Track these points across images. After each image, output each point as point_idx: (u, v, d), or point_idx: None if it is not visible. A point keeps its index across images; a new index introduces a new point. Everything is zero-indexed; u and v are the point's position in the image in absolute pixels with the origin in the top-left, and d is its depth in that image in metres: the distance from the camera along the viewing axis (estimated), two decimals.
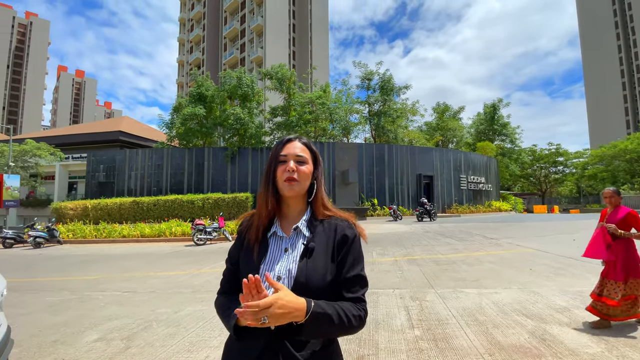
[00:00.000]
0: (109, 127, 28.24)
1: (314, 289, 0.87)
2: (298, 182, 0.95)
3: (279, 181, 0.96)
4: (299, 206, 1.01)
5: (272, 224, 0.99)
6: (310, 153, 1.01)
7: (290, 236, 0.96)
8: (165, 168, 21.10)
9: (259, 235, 0.97)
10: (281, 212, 1.01)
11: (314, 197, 1.00)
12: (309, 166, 0.99)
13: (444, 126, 31.26)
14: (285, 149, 0.98)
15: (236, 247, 1.03)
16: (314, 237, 0.94)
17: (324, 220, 0.98)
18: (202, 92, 21.77)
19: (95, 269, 7.81)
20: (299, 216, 1.00)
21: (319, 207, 0.99)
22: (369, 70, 21.63)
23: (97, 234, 14.76)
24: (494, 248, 8.44)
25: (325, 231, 0.96)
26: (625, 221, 3.27)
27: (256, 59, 48.14)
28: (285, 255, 0.93)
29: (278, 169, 0.97)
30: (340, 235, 0.95)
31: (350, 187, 19.14)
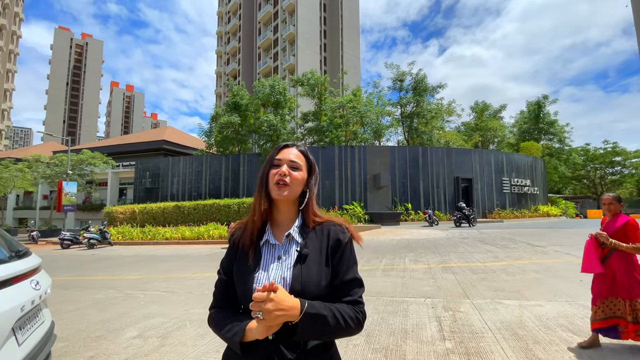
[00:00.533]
0: (154, 136, 30.32)
1: (309, 295, 0.86)
2: (288, 187, 0.94)
3: (270, 184, 0.96)
4: (290, 213, 1.00)
5: (264, 233, 0.98)
6: (305, 161, 1.01)
7: (282, 243, 0.96)
8: (204, 174, 22.16)
9: (254, 239, 0.97)
10: (273, 218, 1.01)
11: (305, 205, 0.99)
12: (301, 173, 0.98)
13: (484, 126, 29.64)
14: (281, 153, 0.99)
15: (228, 258, 1.02)
16: (306, 243, 0.94)
17: (316, 226, 0.98)
18: (237, 101, 22.65)
19: (139, 269, 8.36)
20: (291, 223, 0.99)
21: (309, 214, 0.99)
22: (400, 71, 21.16)
23: (143, 236, 15.84)
24: (540, 256, 7.80)
25: (317, 236, 0.96)
26: (623, 231, 2.84)
27: (289, 67, 49.24)
28: (279, 263, 0.93)
29: (270, 172, 0.97)
30: (333, 239, 0.95)
31: (383, 191, 18.77)
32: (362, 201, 18.34)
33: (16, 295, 1.62)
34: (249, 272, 0.92)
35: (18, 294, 1.64)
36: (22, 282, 1.73)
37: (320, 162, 19.00)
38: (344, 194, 18.76)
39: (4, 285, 1.56)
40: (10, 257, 1.82)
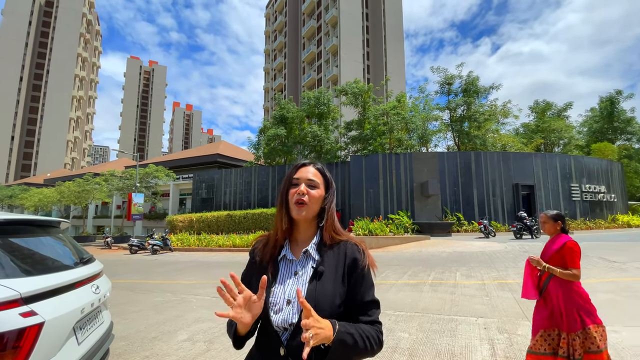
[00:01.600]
0: (209, 150, 32.68)
1: (322, 313, 0.86)
2: (307, 206, 0.97)
3: (290, 203, 0.99)
4: (309, 230, 1.03)
5: (282, 248, 1.02)
6: (322, 178, 1.04)
7: (300, 259, 0.99)
8: (253, 184, 23.21)
9: (275, 253, 1.01)
10: (292, 235, 1.04)
11: (324, 222, 1.01)
12: (319, 191, 1.01)
13: (546, 127, 26.91)
14: (299, 172, 1.02)
15: (249, 270, 1.07)
16: (323, 260, 0.96)
17: (334, 244, 0.99)
18: (284, 114, 23.51)
19: (193, 274, 8.96)
20: (309, 240, 1.01)
21: (329, 231, 1.01)
22: (448, 74, 20.18)
23: (199, 243, 16.98)
24: (617, 274, 6.76)
25: (335, 255, 0.97)
26: (560, 254, 2.48)
27: (332, 78, 50.01)
28: (295, 279, 0.95)
29: (290, 191, 1.00)
30: (350, 259, 0.96)
31: (431, 200, 17.88)
32: (408, 210, 17.66)
33: (77, 299, 1.82)
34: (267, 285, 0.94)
35: (79, 298, 1.85)
36: (83, 287, 1.95)
37: (364, 171, 18.78)
38: (389, 203, 18.25)
39: (66, 290, 1.77)
40: (76, 263, 2.07)
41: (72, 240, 2.35)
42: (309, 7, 57.55)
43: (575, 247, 2.49)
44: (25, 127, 67.43)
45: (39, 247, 2.01)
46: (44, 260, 1.94)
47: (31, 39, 67.58)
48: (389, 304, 5.18)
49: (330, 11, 50.95)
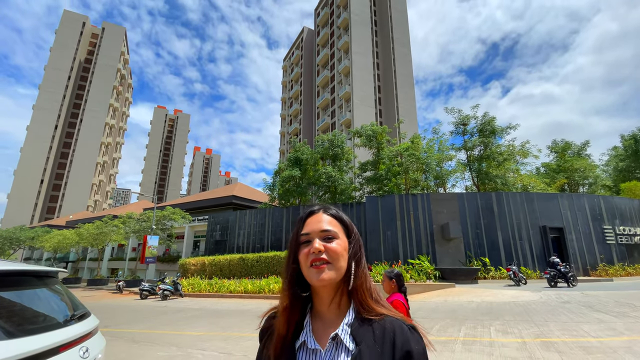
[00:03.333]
0: (225, 192, 33.13)
1: None
2: (330, 264, 0.70)
3: (304, 268, 0.73)
4: (336, 300, 0.74)
5: (299, 330, 0.73)
6: (340, 224, 0.78)
7: (327, 349, 0.69)
8: (267, 226, 22.92)
9: (278, 345, 0.71)
10: (314, 309, 0.75)
11: (354, 283, 0.72)
12: (341, 241, 0.74)
13: (568, 167, 26.08)
14: (307, 225, 0.77)
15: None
16: (361, 353, 0.65)
17: (374, 321, 0.69)
18: (299, 156, 23.90)
19: (202, 324, 8.42)
20: (340, 316, 0.72)
21: (364, 298, 0.71)
22: (463, 115, 20.28)
23: (210, 288, 16.41)
24: None
25: (377, 342, 0.66)
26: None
27: (345, 122, 51.55)
28: None
29: (300, 253, 0.74)
30: (402, 350, 0.65)
31: (453, 243, 16.97)
32: (429, 255, 16.73)
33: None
34: None
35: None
36: (70, 350, 1.68)
37: (380, 212, 18.29)
38: (407, 246, 17.42)
39: (48, 356, 1.51)
40: (66, 321, 1.82)
41: (69, 292, 2.13)
42: (323, 59, 61.41)
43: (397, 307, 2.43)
44: (55, 172, 71.24)
45: (32, 301, 1.79)
46: (33, 317, 1.72)
47: (69, 91, 74.12)
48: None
49: (343, 62, 54.09)
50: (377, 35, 59.65)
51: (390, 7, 60.13)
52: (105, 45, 79.17)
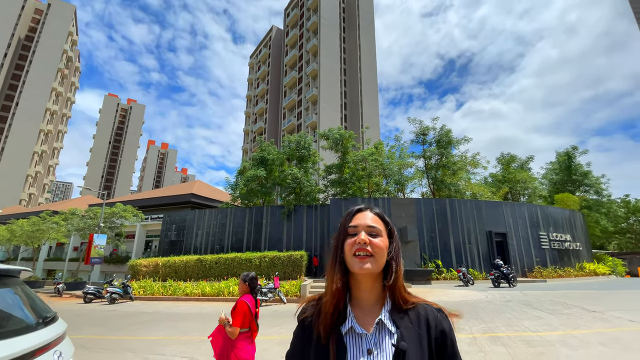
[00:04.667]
0: (183, 190, 31.59)
1: None
2: (372, 257, 0.79)
3: (348, 256, 0.81)
4: (374, 291, 0.83)
5: (345, 317, 0.80)
6: (384, 224, 0.87)
7: (371, 333, 0.77)
8: (228, 227, 22.28)
9: (328, 328, 0.78)
10: (353, 298, 0.83)
11: (393, 280, 0.81)
12: (383, 239, 0.83)
13: (512, 178, 28.74)
14: (355, 219, 0.85)
15: (299, 347, 0.84)
16: (402, 334, 0.75)
17: (409, 309, 0.80)
18: (264, 156, 23.59)
19: (158, 328, 7.98)
20: (376, 305, 0.82)
21: (400, 292, 0.81)
22: (424, 126, 21.56)
23: (164, 291, 15.55)
24: (600, 324, 6.76)
25: (414, 326, 0.77)
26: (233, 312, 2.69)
27: (311, 124, 51.89)
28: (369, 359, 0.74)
29: (346, 242, 0.82)
30: (436, 330, 0.77)
31: (410, 246, 17.87)
32: None
33: None
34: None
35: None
36: (44, 355, 1.56)
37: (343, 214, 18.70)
38: None
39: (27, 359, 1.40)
40: (37, 323, 1.69)
41: (33, 294, 1.96)
42: (292, 60, 61.31)
43: (241, 307, 2.63)
44: None
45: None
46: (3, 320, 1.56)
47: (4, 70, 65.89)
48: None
49: (311, 65, 54.48)
50: (345, 41, 60.95)
51: (359, 15, 61.74)
52: (51, 23, 71.68)
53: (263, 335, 7.03)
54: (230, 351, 2.54)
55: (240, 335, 2.58)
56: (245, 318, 2.61)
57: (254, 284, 2.86)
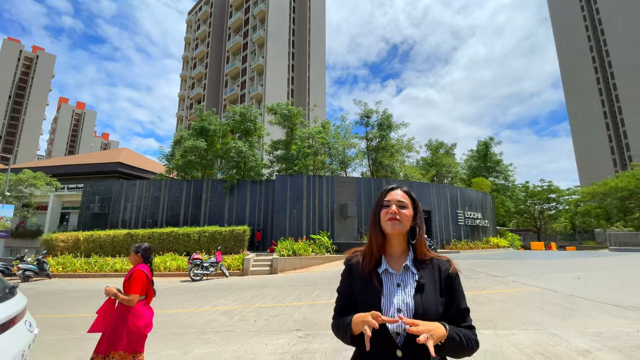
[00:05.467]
0: (108, 158, 28.33)
1: (429, 319, 0.97)
2: (400, 222, 1.09)
3: (383, 221, 1.11)
4: (401, 246, 1.14)
5: (379, 263, 1.12)
6: (410, 200, 1.15)
7: (400, 273, 1.09)
8: (162, 200, 20.92)
9: (370, 269, 1.11)
10: (386, 251, 1.15)
11: (417, 239, 1.13)
12: (409, 210, 1.13)
13: (439, 162, 31.95)
14: (389, 195, 1.15)
15: (347, 281, 1.17)
16: (422, 274, 1.08)
17: (426, 260, 1.12)
18: (205, 126, 22.25)
19: (89, 305, 7.45)
20: (402, 256, 1.13)
21: (422, 248, 1.13)
22: (368, 109, 22.48)
23: (89, 267, 14.26)
24: (501, 286, 8.33)
25: (430, 270, 1.09)
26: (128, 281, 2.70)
27: (256, 96, 49.90)
28: (399, 290, 1.06)
29: (382, 212, 1.13)
30: (445, 274, 1.09)
31: (349, 221, 19.05)
32: (329, 231, 18.39)
33: (17, 340, 1.42)
34: (374, 295, 1.06)
35: (18, 338, 1.44)
36: (19, 323, 1.53)
37: (289, 191, 18.96)
38: (311, 223, 18.71)
39: (5, 328, 1.37)
40: (5, 294, 1.61)
41: None
42: (236, 23, 57.16)
43: (137, 275, 2.67)
44: None
45: None
46: None
47: None
48: (328, 324, 5.25)
49: (258, 32, 51.61)
50: (295, 11, 58.65)
51: None
52: None
53: (209, 306, 7.09)
54: (127, 318, 2.50)
55: (138, 303, 2.65)
56: (144, 285, 2.70)
57: (147, 254, 2.93)
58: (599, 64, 70.02)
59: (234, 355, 4.00)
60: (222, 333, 5.01)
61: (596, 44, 70.62)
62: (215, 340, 4.64)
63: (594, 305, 5.95)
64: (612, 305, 5.93)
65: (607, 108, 67.91)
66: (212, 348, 4.31)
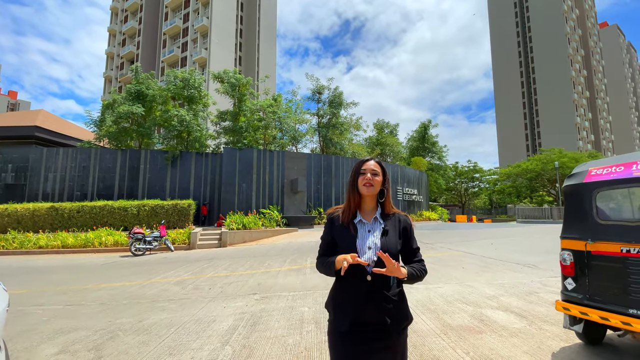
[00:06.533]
0: (21, 121, 24.34)
1: (391, 254, 1.30)
2: (372, 186, 1.42)
3: (359, 185, 1.43)
4: (372, 203, 1.47)
5: (355, 216, 1.44)
6: (381, 169, 1.47)
7: (370, 223, 1.42)
8: (93, 170, 18.98)
9: (348, 220, 1.43)
10: (360, 207, 1.47)
11: (385, 199, 1.47)
12: (379, 177, 1.45)
13: (383, 142, 33.74)
14: (365, 165, 1.46)
15: (328, 229, 1.48)
16: (386, 224, 1.42)
17: (390, 214, 1.46)
18: (143, 90, 20.26)
19: (18, 283, 6.80)
20: (373, 211, 1.47)
21: (388, 205, 1.47)
22: (320, 85, 22.49)
23: (6, 244, 12.66)
24: (431, 251, 9.55)
25: (392, 221, 1.44)
26: None
27: (199, 60, 46.23)
28: (370, 235, 1.39)
29: (359, 178, 1.44)
30: (403, 224, 1.46)
31: (299, 196, 19.47)
32: (278, 205, 18.64)
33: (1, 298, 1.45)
34: (351, 238, 1.38)
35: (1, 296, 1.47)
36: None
37: (238, 164, 18.55)
38: (261, 197, 18.71)
39: None
40: None
41: None
42: None
43: None
44: None
45: None
46: None
47: None
48: (282, 287, 5.64)
49: None
50: None
51: None
52: None
53: (159, 278, 6.99)
54: None
55: None
56: None
57: None
58: (523, 59, 78.38)
59: (193, 319, 4.15)
60: (177, 301, 5.08)
61: (523, 40, 78.58)
62: (171, 307, 4.71)
63: (501, 264, 7.25)
64: (515, 264, 7.30)
65: (527, 100, 77.20)
66: (169, 314, 4.39)
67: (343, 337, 1.32)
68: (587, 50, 78.92)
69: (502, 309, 4.16)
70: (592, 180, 2.87)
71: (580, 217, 2.91)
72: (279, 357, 2.95)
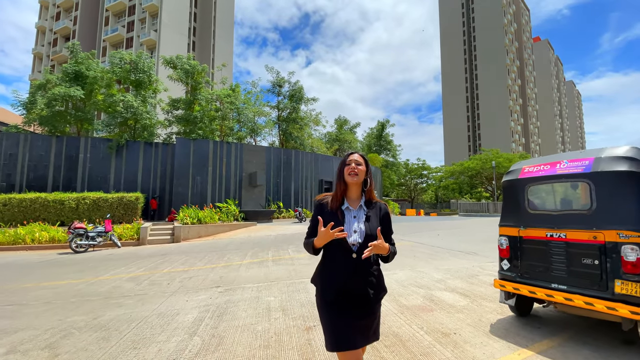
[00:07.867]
0: None
1: (374, 237, 1.51)
2: (357, 175, 1.60)
3: (345, 175, 1.61)
4: (357, 192, 1.66)
5: (343, 203, 1.62)
6: (364, 160, 1.66)
7: (356, 210, 1.61)
8: (21, 158, 16.88)
9: (336, 206, 1.61)
10: (347, 195, 1.65)
11: (368, 188, 1.66)
12: (363, 167, 1.63)
13: (342, 138, 34.57)
14: (350, 157, 1.64)
15: (316, 214, 1.62)
16: (369, 211, 1.62)
17: (372, 202, 1.66)
18: (83, 70, 18.38)
19: None
20: (358, 199, 1.66)
21: (371, 194, 1.67)
22: (281, 77, 22.28)
23: None
24: None
25: (374, 209, 1.65)
26: None
27: (147, 42, 42.89)
28: (355, 220, 1.58)
29: (345, 169, 1.62)
30: (383, 212, 1.67)
31: (258, 189, 19.21)
32: (236, 199, 18.23)
33: None
34: (339, 224, 1.54)
35: None
36: None
37: (192, 156, 17.74)
38: (217, 191, 18.13)
39: None
40: None
41: None
42: None
43: None
44: None
45: None
46: None
47: None
48: (245, 279, 5.67)
49: None
50: None
51: None
52: None
53: (108, 275, 6.56)
54: None
55: None
56: None
57: None
58: (469, 66, 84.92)
59: (155, 313, 4.04)
60: (133, 297, 4.86)
61: (469, 49, 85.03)
62: (129, 303, 4.51)
63: (447, 252, 8.01)
64: (458, 252, 8.10)
65: (470, 103, 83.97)
66: (127, 310, 4.21)
67: (329, 306, 1.53)
68: (522, 62, 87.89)
69: (449, 290, 4.68)
70: (525, 176, 3.38)
71: (515, 208, 3.41)
72: (250, 343, 3.05)
